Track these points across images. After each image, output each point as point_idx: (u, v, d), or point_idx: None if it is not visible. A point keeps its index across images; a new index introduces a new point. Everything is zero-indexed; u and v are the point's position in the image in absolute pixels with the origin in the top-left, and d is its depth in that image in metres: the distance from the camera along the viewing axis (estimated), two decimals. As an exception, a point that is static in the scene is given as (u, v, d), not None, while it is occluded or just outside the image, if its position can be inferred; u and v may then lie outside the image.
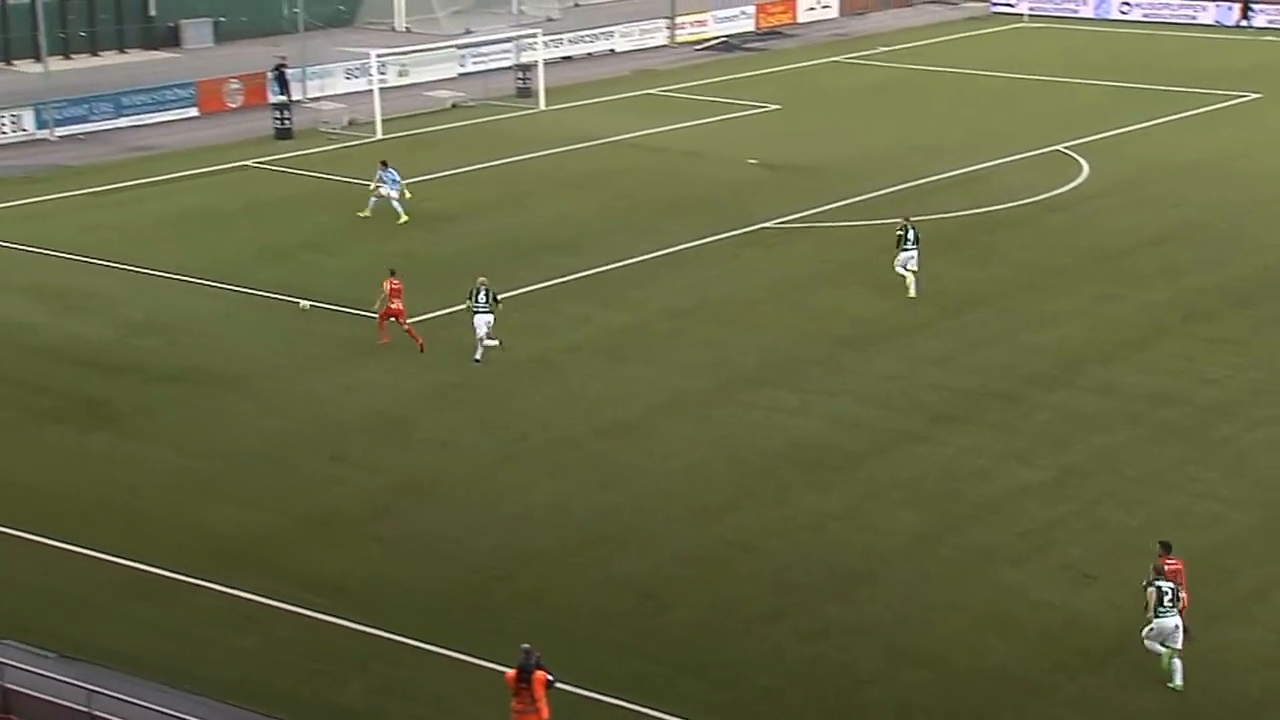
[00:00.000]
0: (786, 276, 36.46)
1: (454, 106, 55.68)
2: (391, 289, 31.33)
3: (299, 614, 21.49)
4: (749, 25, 72.75)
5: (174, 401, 29.28)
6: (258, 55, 58.53)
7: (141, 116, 52.83)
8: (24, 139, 49.89)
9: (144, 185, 44.30)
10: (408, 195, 40.82)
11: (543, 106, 55.14)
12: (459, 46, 60.92)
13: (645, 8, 72.15)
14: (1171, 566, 20.33)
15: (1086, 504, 24.77)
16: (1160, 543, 20.93)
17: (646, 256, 37.74)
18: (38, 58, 54.96)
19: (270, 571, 22.93)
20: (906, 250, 33.96)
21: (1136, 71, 60.35)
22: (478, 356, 30.56)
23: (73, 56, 60.47)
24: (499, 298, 30.81)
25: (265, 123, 51.49)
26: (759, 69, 63.41)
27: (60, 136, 50.33)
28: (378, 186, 40.79)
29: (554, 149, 49.02)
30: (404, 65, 58.95)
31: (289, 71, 52.74)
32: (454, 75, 60.53)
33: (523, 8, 67.39)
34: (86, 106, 51.52)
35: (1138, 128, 50.77)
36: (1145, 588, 20.09)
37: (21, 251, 38.50)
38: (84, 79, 56.04)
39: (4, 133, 49.72)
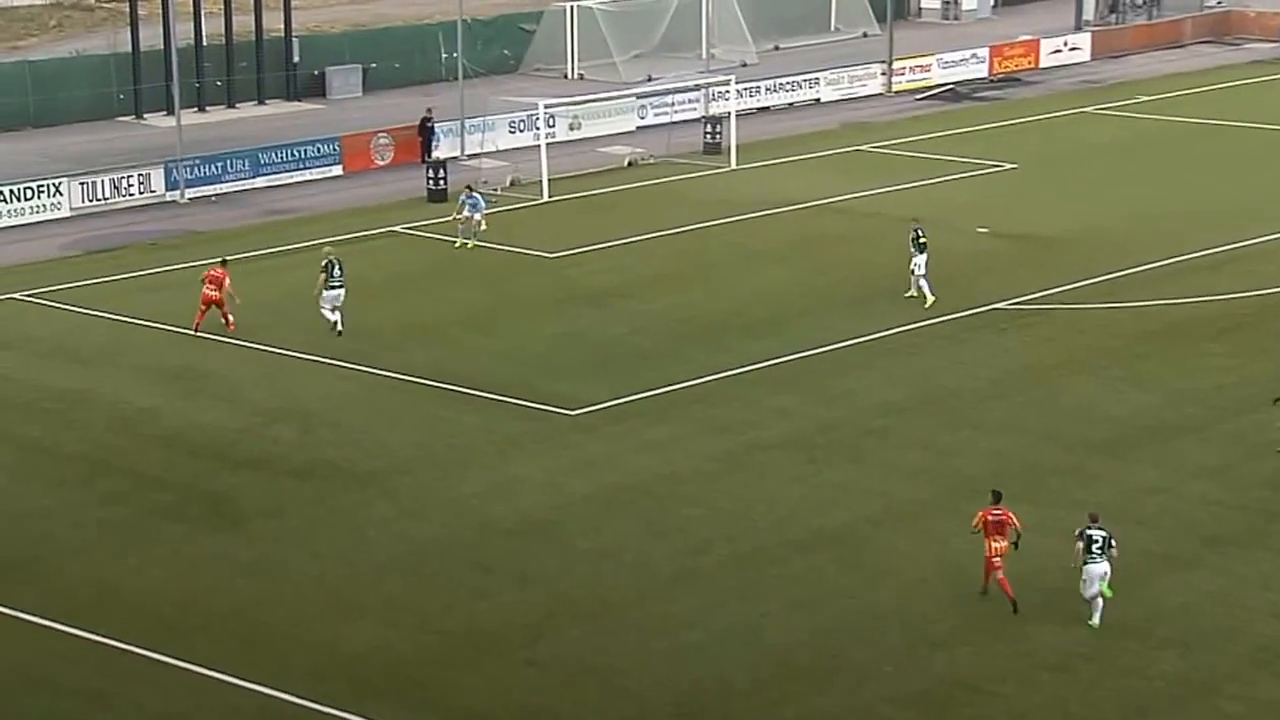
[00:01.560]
0: (1024, 367, 36.32)
1: (631, 164, 56.48)
2: (210, 278, 37.49)
3: (441, 751, 21.43)
4: (980, 71, 72.81)
5: (305, 500, 29.85)
6: (411, 107, 60.08)
7: (280, 176, 54.25)
8: (152, 201, 51.53)
9: (279, 253, 45.33)
10: (483, 227, 44.28)
11: (734, 165, 55.73)
12: (639, 96, 61.99)
13: (857, 51, 73.03)
14: (998, 516, 25.67)
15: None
16: (992, 492, 26.16)
17: (855, 341, 38.01)
18: (170, 110, 56.98)
19: (410, 699, 23.10)
20: (918, 256, 38.03)
21: None
22: (340, 329, 36.05)
23: (207, 109, 62.63)
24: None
25: (417, 183, 52.56)
26: (992, 121, 63.57)
27: (191, 198, 51.96)
28: (464, 215, 44.22)
29: (747, 214, 49.45)
30: (576, 117, 60.10)
31: (437, 126, 54.40)
32: (632, 129, 61.48)
33: (713, 51, 68.09)
34: (220, 165, 52.97)
35: None
36: (1076, 539, 24.93)
37: (142, 327, 39.69)
38: (219, 134, 57.94)
39: (131, 194, 51.40)
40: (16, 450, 32.27)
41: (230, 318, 38.40)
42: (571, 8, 70.92)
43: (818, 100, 67.60)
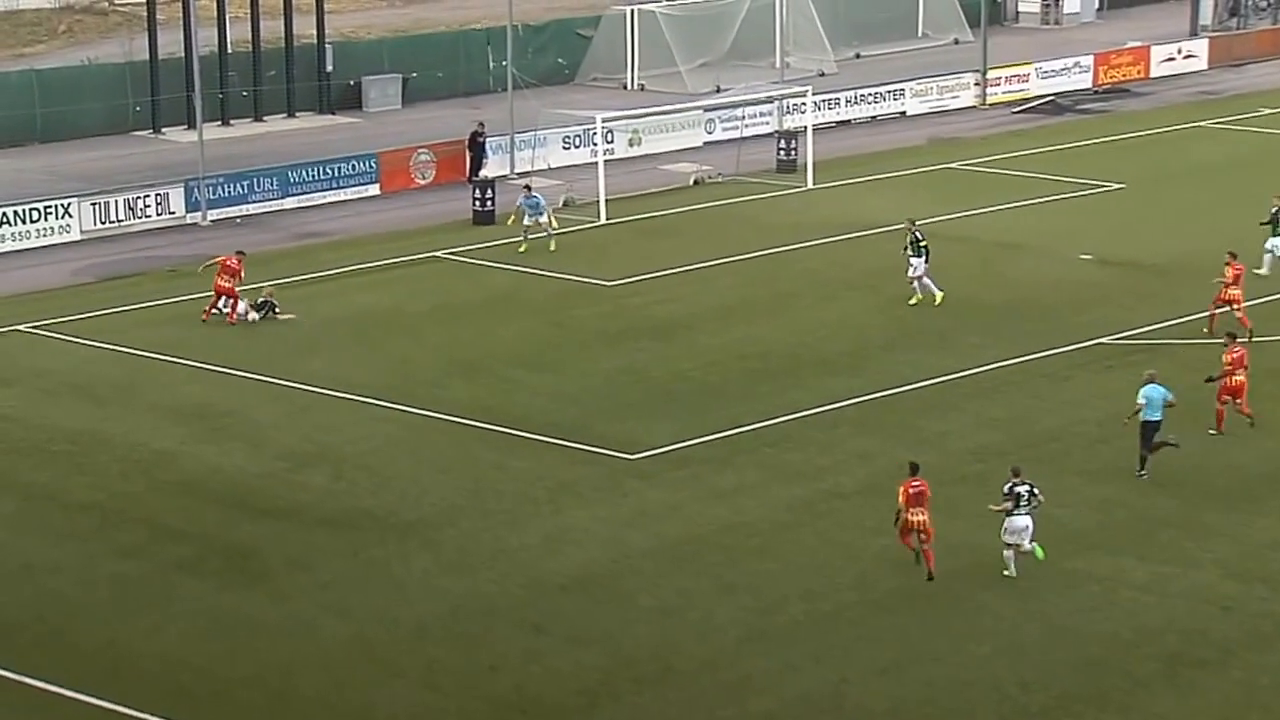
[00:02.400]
0: (1133, 408, 35.86)
1: (697, 183, 56.61)
2: (224, 267, 40.77)
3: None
4: (1084, 81, 72.79)
5: (338, 553, 29.84)
6: (455, 120, 60.43)
7: (312, 196, 54.52)
8: (171, 223, 51.93)
9: (311, 281, 45.46)
10: (555, 225, 46.45)
11: (811, 184, 55.74)
12: (706, 109, 62.18)
13: (947, 59, 73.29)
14: (917, 488, 28.17)
15: None
16: (910, 464, 28.65)
17: (946, 378, 37.97)
18: (190, 124, 57.61)
19: (451, 773, 22.85)
20: (915, 259, 40.94)
21: None
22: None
23: (232, 123, 63.18)
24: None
25: (462, 204, 52.65)
26: (1097, 136, 63.43)
27: (214, 220, 52.30)
28: (523, 216, 46.39)
29: (825, 238, 49.42)
30: (636, 132, 60.33)
31: (487, 141, 54.75)
32: (698, 144, 61.68)
33: (788, 60, 68.35)
34: (246, 184, 53.41)
35: None
36: (1004, 495, 28.00)
37: (160, 361, 39.84)
38: (244, 150, 58.40)
39: (148, 215, 51.76)
40: (21, 498, 32.36)
41: (236, 311, 41.03)
42: (632, 12, 71.37)
43: (903, 113, 67.68)
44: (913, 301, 41.68)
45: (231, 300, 41.79)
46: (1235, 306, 40.14)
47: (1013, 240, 48.25)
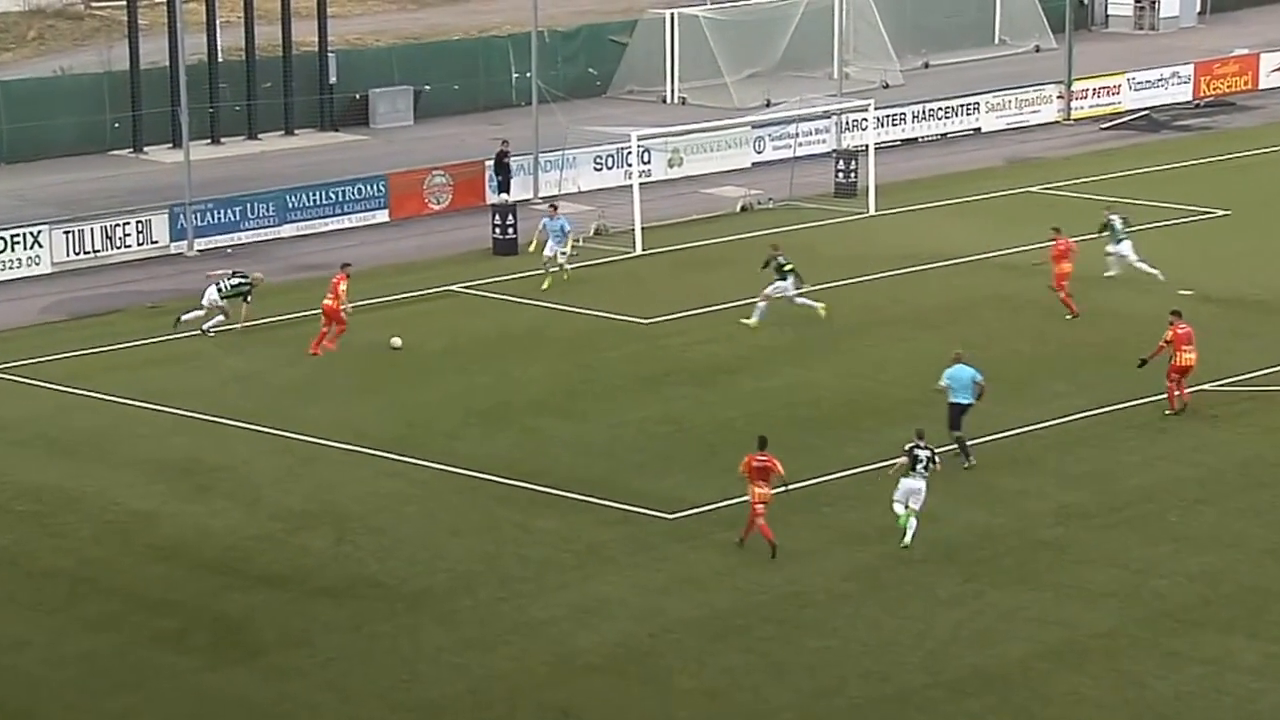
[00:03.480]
0: (1239, 464, 36.01)
1: (745, 209, 56.62)
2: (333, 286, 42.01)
3: None
4: (1183, 93, 72.79)
5: (340, 626, 29.69)
6: (473, 138, 60.73)
7: (312, 223, 54.49)
8: (154, 253, 51.95)
9: (310, 318, 44.79)
10: (572, 251, 46.91)
11: (873, 210, 55.72)
12: (754, 125, 62.18)
13: (1028, 69, 73.26)
14: (762, 462, 31.58)
15: None
16: (758, 438, 31.72)
17: (1025, 429, 37.87)
18: (176, 143, 57.72)
19: None
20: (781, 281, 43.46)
21: None
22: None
23: (223, 141, 63.26)
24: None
25: (481, 231, 52.52)
26: (1197, 156, 63.33)
27: (201, 250, 52.09)
28: (544, 244, 46.90)
29: (888, 271, 49.37)
30: (676, 151, 60.41)
31: (513, 161, 54.60)
32: (746, 165, 61.77)
33: (848, 70, 68.33)
34: (239, 210, 53.37)
35: None
36: (903, 452, 31.48)
37: (140, 409, 39.66)
38: (237, 171, 58.34)
39: (127, 245, 51.76)
40: (-18, 563, 32.30)
41: (329, 340, 41.95)
42: (672, 16, 71.55)
43: (977, 130, 67.72)
44: (750, 322, 43.53)
45: (336, 325, 42.69)
46: None
47: (1101, 273, 47.83)
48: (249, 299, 43.94)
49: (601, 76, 71.78)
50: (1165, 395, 38.32)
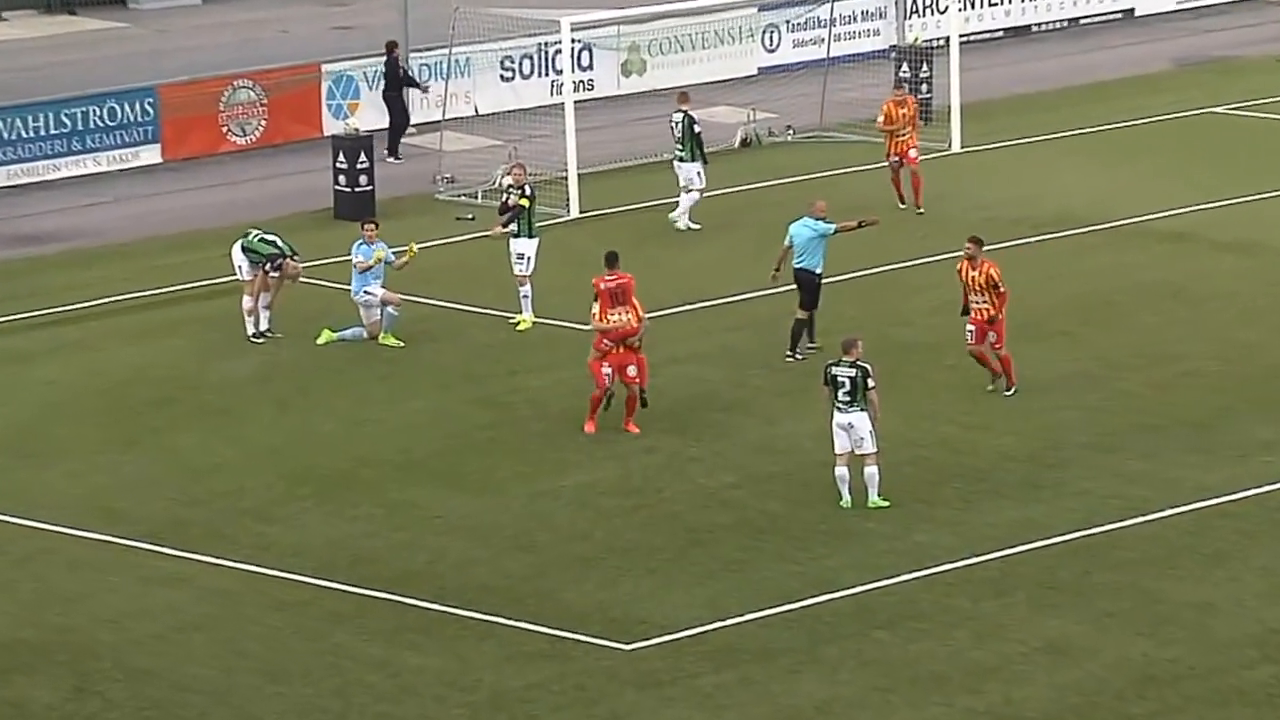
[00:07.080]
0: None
1: (746, 143, 47.77)
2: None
3: None
4: None
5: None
6: (301, 25, 53.99)
7: (33, 165, 46.15)
8: None
9: (30, 323, 39.28)
10: (400, 260, 38.17)
11: (957, 145, 47.17)
12: (762, 7, 53.19)
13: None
14: (613, 283, 31.55)
15: None
16: (606, 254, 32.48)
17: (1206, 503, 31.18)
18: None
19: None
20: None
21: None
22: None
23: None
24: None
25: (316, 180, 44.62)
26: None
27: None
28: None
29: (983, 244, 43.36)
30: (635, 48, 50.97)
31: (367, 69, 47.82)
32: (751, 72, 52.16)
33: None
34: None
35: None
36: (823, 382, 30.37)
37: None
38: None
39: None
40: None
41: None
42: None
43: (1129, 13, 57.21)
44: (520, 327, 38.73)
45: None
46: None
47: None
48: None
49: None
50: None
